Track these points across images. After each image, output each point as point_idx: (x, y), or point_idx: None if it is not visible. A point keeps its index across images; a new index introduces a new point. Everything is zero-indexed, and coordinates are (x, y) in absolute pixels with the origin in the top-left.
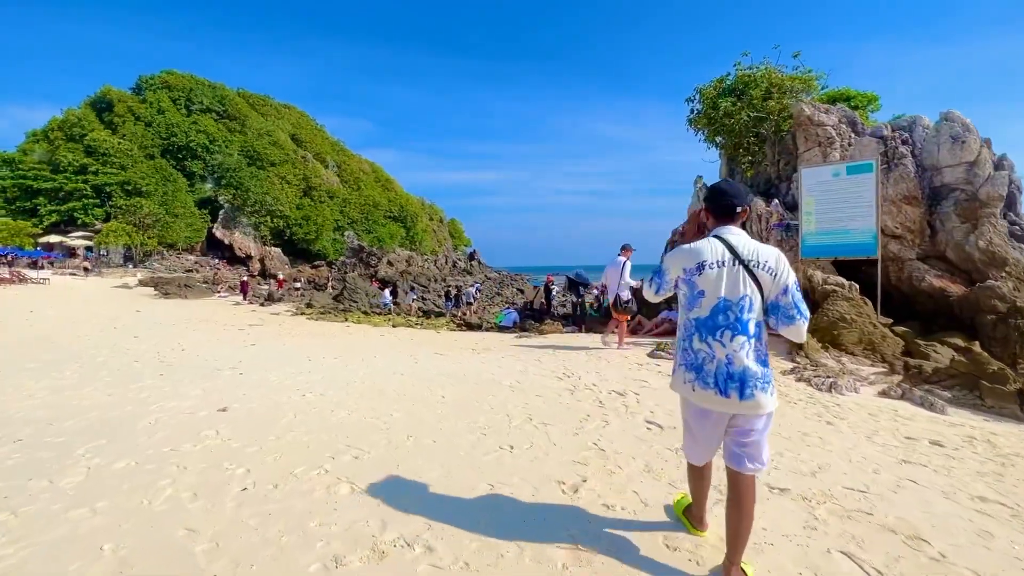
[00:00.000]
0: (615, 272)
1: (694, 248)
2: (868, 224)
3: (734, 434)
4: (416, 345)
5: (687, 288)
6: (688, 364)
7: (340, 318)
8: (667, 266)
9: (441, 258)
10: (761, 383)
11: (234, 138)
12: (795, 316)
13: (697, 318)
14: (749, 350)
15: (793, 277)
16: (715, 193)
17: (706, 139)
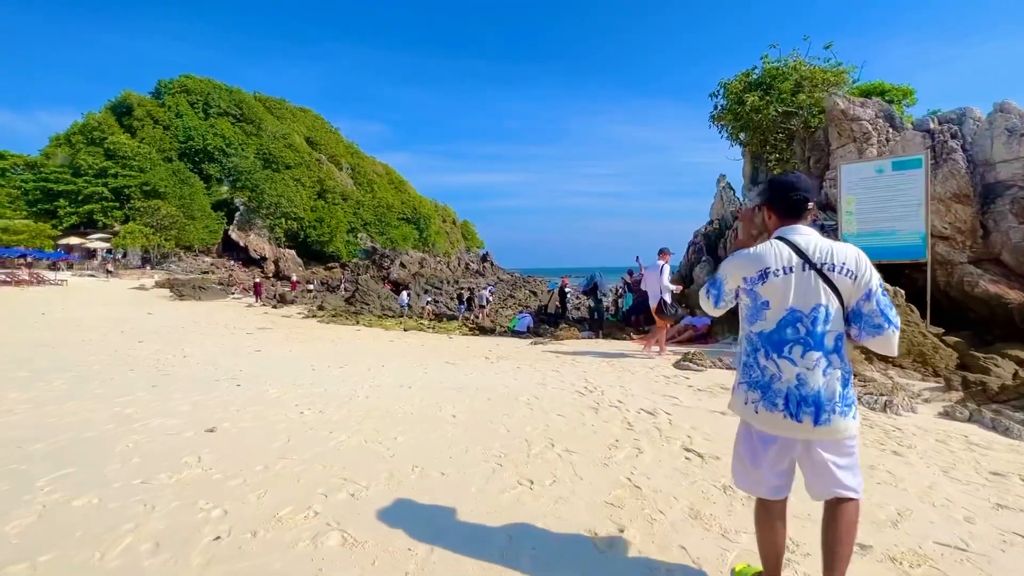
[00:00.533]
0: (654, 276)
1: (755, 253)
2: (916, 225)
3: (811, 464)
4: (426, 352)
5: (749, 299)
6: (752, 382)
7: (351, 321)
8: (724, 274)
9: (454, 260)
10: (841, 406)
11: (250, 141)
12: (883, 325)
13: (762, 332)
14: (826, 367)
15: (877, 279)
16: (780, 187)
17: (730, 136)
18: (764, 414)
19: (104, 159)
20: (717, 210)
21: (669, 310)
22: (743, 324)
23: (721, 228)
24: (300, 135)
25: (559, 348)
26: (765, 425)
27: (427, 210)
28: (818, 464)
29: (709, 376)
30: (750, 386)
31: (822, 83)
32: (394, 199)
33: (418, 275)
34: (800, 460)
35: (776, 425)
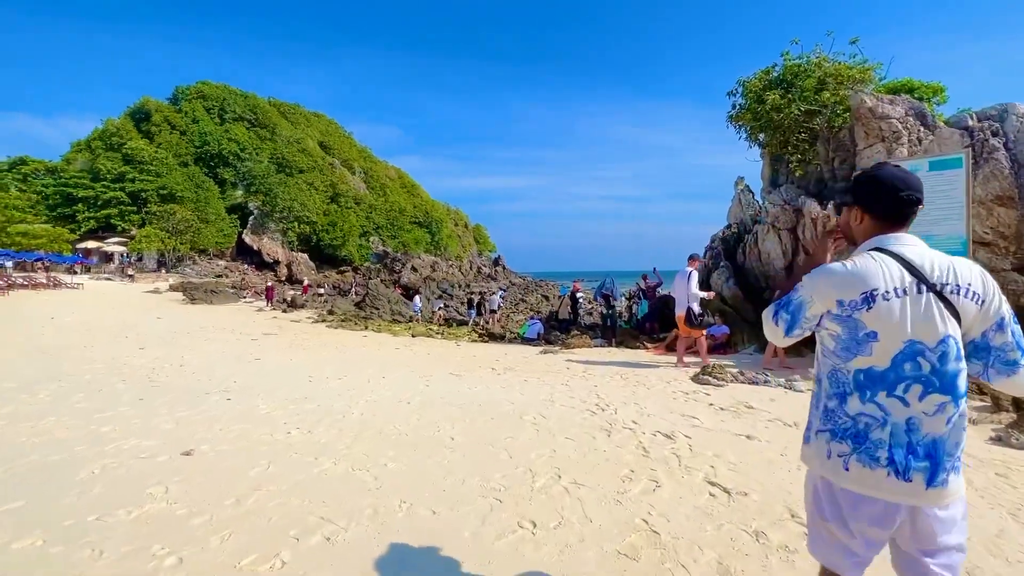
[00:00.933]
0: (682, 283)
1: (856, 271)
2: (956, 229)
3: (915, 536)
4: (432, 362)
5: (843, 328)
6: (839, 431)
7: (360, 326)
8: (806, 296)
9: (466, 263)
10: (958, 461)
11: (264, 146)
12: (1018, 361)
13: (866, 370)
14: (953, 415)
15: (1007, 304)
16: (882, 182)
17: (748, 137)
18: (858, 471)
19: (122, 164)
20: (735, 214)
21: (696, 319)
22: (827, 358)
23: (739, 232)
24: (313, 140)
25: (570, 357)
26: (859, 485)
27: (439, 214)
28: (923, 535)
29: (730, 392)
30: (835, 436)
31: (847, 80)
32: (406, 203)
33: (429, 279)
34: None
35: (876, 486)
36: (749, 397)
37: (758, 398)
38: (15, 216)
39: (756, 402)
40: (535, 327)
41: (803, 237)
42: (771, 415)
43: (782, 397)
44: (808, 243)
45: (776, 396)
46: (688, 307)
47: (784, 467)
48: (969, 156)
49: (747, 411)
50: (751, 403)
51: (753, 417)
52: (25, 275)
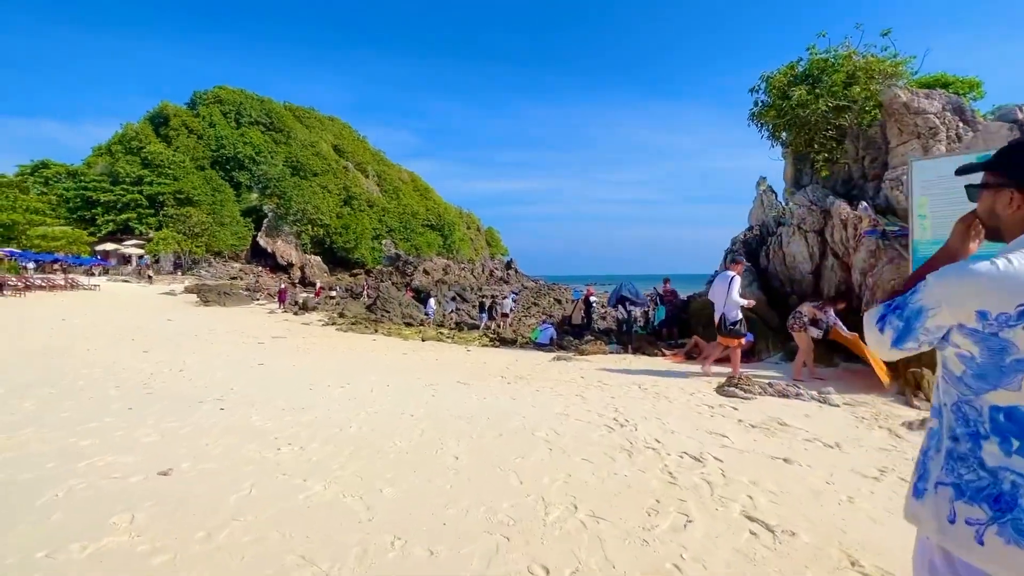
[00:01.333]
0: (722, 288)
1: (1013, 273)
2: None
3: None
4: (439, 368)
5: (983, 349)
6: (969, 489)
7: (370, 330)
8: (929, 300)
9: (478, 266)
10: None
11: (279, 149)
12: None
13: (1009, 409)
14: None
15: None
16: None
17: (771, 135)
18: (998, 547)
19: (141, 167)
20: (757, 215)
21: (728, 327)
22: (951, 386)
23: (762, 234)
24: (328, 143)
25: (584, 366)
26: (999, 566)
27: (451, 216)
28: None
29: (760, 406)
30: (963, 494)
31: (878, 74)
32: (419, 206)
33: (441, 282)
34: None
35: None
36: (781, 412)
37: (791, 413)
38: (35, 219)
39: (789, 418)
40: (547, 332)
41: (832, 240)
42: (808, 434)
43: (817, 413)
44: (837, 246)
45: (810, 412)
46: (723, 314)
47: (833, 498)
48: None
49: (780, 429)
50: (784, 419)
51: (788, 436)
52: (43, 276)
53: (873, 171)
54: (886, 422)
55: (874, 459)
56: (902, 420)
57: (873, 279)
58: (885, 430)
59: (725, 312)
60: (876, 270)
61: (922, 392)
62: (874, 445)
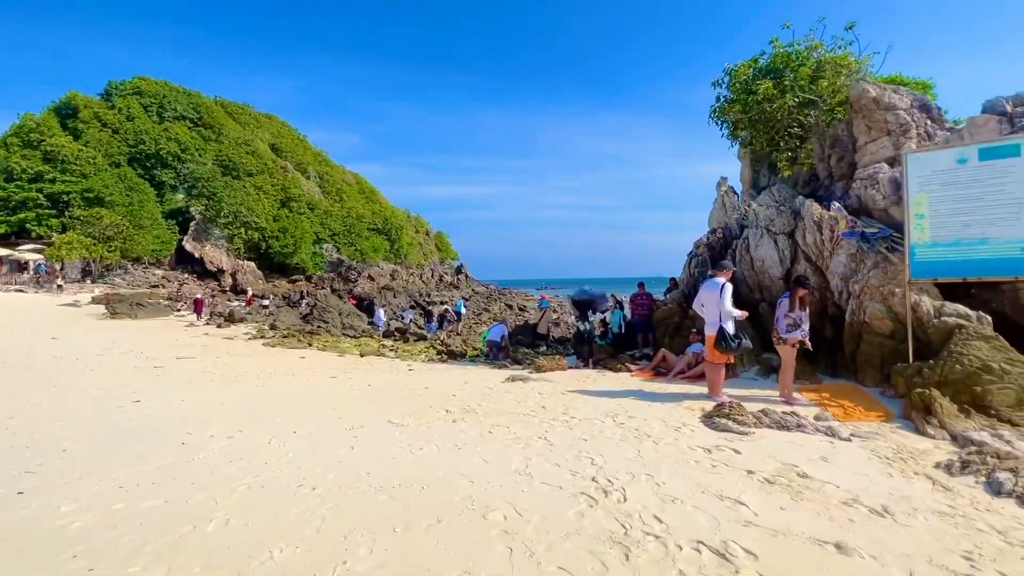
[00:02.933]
0: (712, 297)
1: None
2: (1015, 231)
3: None
4: (371, 399)
5: None
6: None
7: (303, 343)
8: None
9: (427, 271)
10: None
11: (208, 147)
12: None
13: None
14: None
15: None
16: None
17: (730, 134)
18: None
19: (41, 163)
20: (718, 218)
21: (732, 342)
22: None
23: (725, 238)
24: (264, 142)
25: (543, 388)
26: None
27: (399, 220)
28: None
29: (763, 446)
30: None
31: (845, 69)
32: (364, 209)
33: (387, 288)
34: None
35: None
36: (792, 455)
37: (803, 455)
38: None
39: (806, 464)
40: (498, 329)
41: (803, 243)
42: (841, 491)
43: (832, 453)
44: (810, 249)
45: (825, 452)
46: (721, 327)
47: None
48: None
49: (804, 484)
50: (800, 466)
51: (821, 499)
52: None
53: (840, 171)
54: (915, 464)
55: (944, 536)
56: (932, 460)
57: (860, 285)
58: (923, 477)
59: (722, 325)
60: (860, 275)
61: (934, 418)
62: (927, 507)
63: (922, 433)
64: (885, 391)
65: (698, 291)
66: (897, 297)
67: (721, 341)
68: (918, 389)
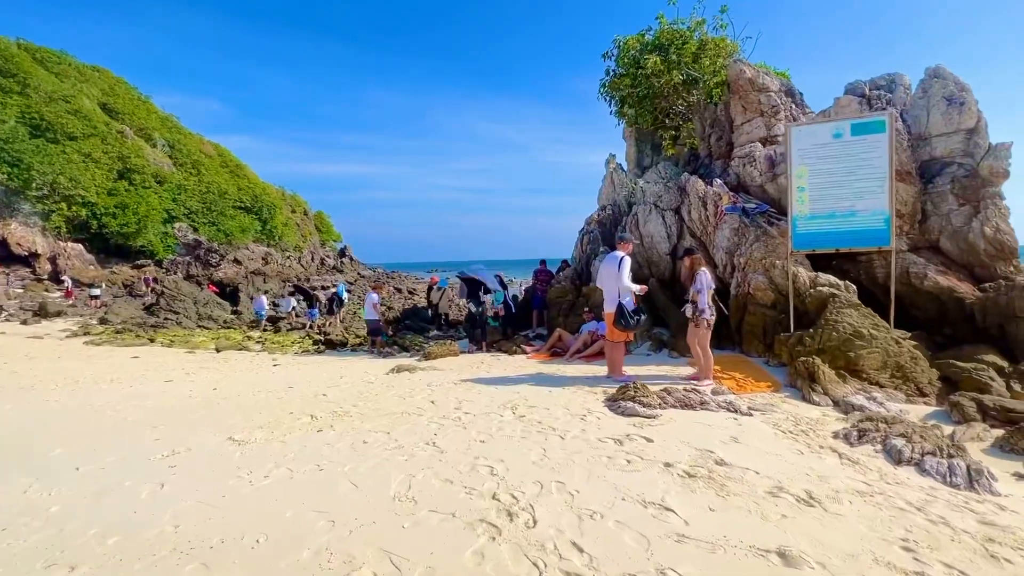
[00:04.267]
0: (611, 272)
1: None
2: (879, 203)
3: None
4: (213, 407)
5: None
6: None
7: (144, 337)
8: None
9: (307, 255)
10: None
11: (10, 100)
12: None
13: None
14: None
15: None
16: None
17: (618, 112)
18: None
19: None
20: (607, 195)
21: (631, 319)
22: None
23: (615, 214)
24: (92, 99)
25: (433, 378)
26: None
27: (271, 198)
28: None
29: (673, 430)
30: None
31: (723, 50)
32: (229, 185)
33: (257, 273)
34: None
35: None
36: (704, 439)
37: (715, 438)
38: None
39: (719, 448)
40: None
41: (688, 218)
42: (760, 476)
43: (740, 432)
44: (695, 224)
45: (732, 431)
46: (620, 303)
47: None
48: (893, 119)
49: (723, 473)
50: (715, 452)
51: (745, 489)
52: None
53: (719, 150)
54: (817, 436)
55: (875, 523)
56: (830, 430)
57: (743, 258)
58: (829, 451)
59: (621, 301)
60: (743, 249)
61: (818, 384)
62: (846, 487)
63: (808, 401)
64: (770, 360)
65: (592, 267)
66: (778, 269)
67: (620, 319)
68: (801, 358)
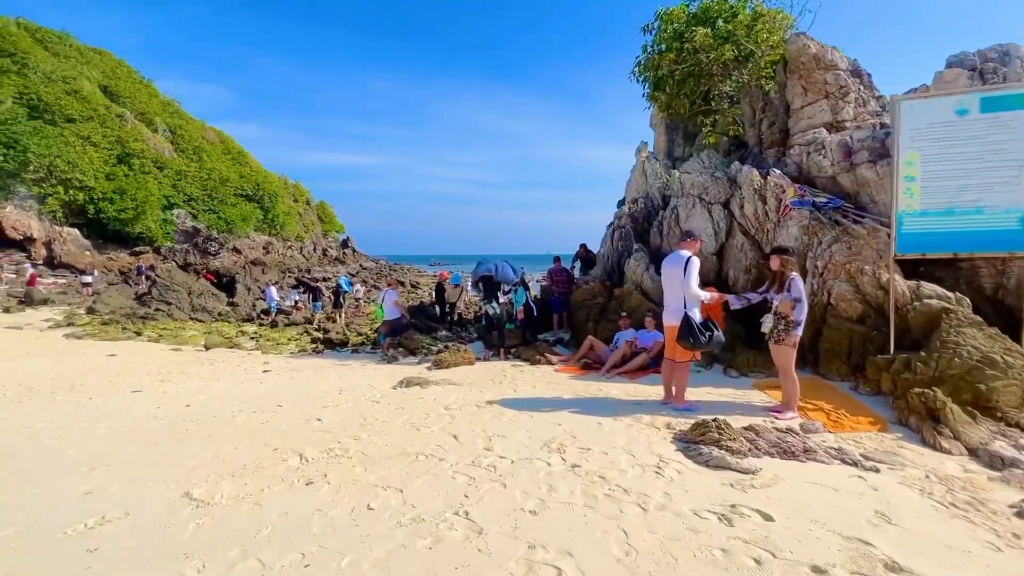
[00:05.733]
0: (676, 274)
1: None
2: (1014, 198)
3: None
4: (178, 436)
5: None
6: None
7: (131, 330)
8: None
9: (308, 245)
10: None
11: (7, 80)
12: None
13: None
14: None
15: None
16: None
17: (650, 96)
18: None
19: None
20: (638, 187)
21: (701, 336)
22: None
23: (647, 208)
24: (93, 81)
25: (448, 396)
26: None
27: (274, 187)
28: None
29: (786, 496)
30: None
31: (779, 23)
32: (231, 172)
33: (256, 263)
34: None
35: None
36: (843, 517)
37: (859, 516)
38: None
39: (876, 537)
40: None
41: (740, 213)
42: None
43: (886, 504)
44: (748, 221)
45: (872, 499)
46: (687, 315)
47: None
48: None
49: None
50: (878, 547)
51: None
52: None
53: (772, 137)
54: (991, 513)
55: None
56: (999, 500)
57: (822, 262)
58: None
59: (687, 312)
60: (819, 251)
61: (946, 427)
62: None
63: (934, 447)
64: (859, 386)
65: (626, 267)
66: (867, 276)
67: (688, 334)
68: (915, 389)
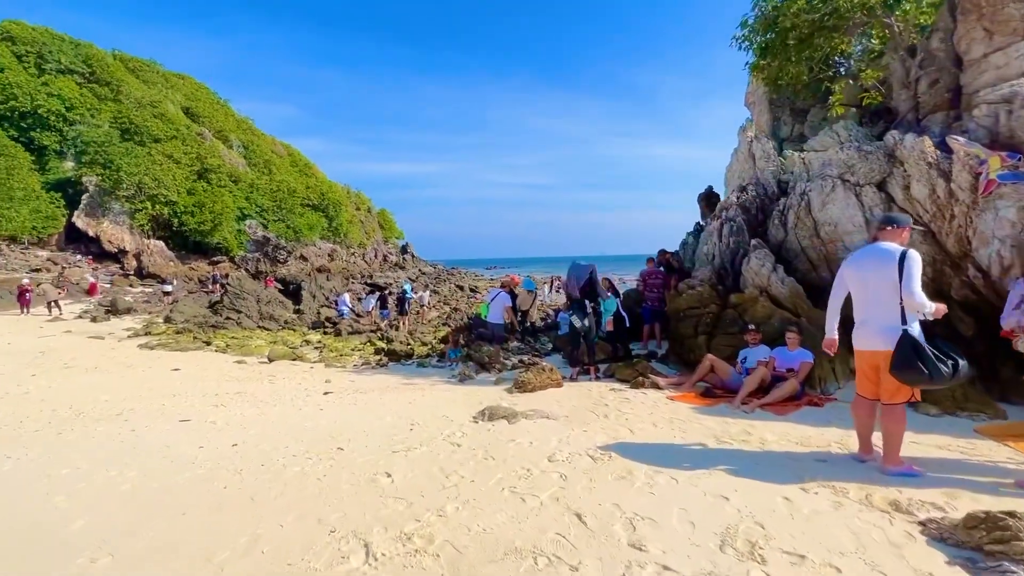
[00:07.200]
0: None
1: None
2: None
3: None
4: (190, 521)
5: None
6: None
7: (203, 339)
8: None
9: (370, 251)
10: None
11: (104, 107)
12: None
13: None
14: None
15: None
16: None
17: (754, 65)
18: None
19: None
20: (743, 172)
21: (942, 367)
22: None
23: (761, 196)
24: (176, 104)
25: (549, 436)
26: None
27: (337, 196)
28: None
29: None
30: None
31: None
32: (298, 183)
33: (321, 270)
34: None
35: None
36: None
37: None
38: None
39: None
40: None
41: (905, 195)
42: None
43: None
44: (922, 205)
45: None
46: (905, 333)
47: None
48: None
49: None
50: None
51: None
52: None
53: (935, 99)
54: None
55: None
56: None
57: None
58: None
59: (906, 328)
60: None
61: None
62: None
63: None
64: None
65: (744, 268)
66: None
67: (915, 362)
68: None
